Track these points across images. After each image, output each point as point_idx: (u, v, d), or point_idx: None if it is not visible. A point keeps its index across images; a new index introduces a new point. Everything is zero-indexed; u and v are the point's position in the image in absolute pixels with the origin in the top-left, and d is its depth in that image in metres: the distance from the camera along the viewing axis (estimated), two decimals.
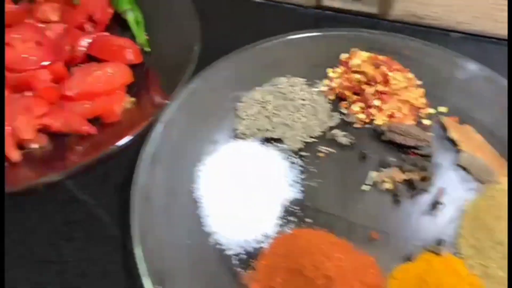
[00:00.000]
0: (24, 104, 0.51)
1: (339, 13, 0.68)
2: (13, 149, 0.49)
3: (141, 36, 0.62)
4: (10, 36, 0.56)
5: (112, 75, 0.55)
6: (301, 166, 0.49)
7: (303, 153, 0.50)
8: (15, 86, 0.53)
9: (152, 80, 0.58)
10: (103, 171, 0.50)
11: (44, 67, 0.55)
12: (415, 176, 0.47)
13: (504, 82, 0.53)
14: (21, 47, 0.56)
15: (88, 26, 0.63)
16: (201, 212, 0.45)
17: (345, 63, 0.58)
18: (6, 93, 0.53)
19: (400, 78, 0.54)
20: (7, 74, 0.53)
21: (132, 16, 0.63)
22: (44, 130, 0.51)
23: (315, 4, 0.69)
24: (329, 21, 0.68)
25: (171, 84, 0.54)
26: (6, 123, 0.49)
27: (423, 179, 0.47)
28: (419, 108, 0.54)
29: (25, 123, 0.50)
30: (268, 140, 0.51)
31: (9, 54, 0.54)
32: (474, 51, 0.61)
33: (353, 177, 0.48)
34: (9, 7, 0.59)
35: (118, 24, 0.64)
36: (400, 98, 0.53)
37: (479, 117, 0.52)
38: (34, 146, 0.51)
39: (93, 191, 0.49)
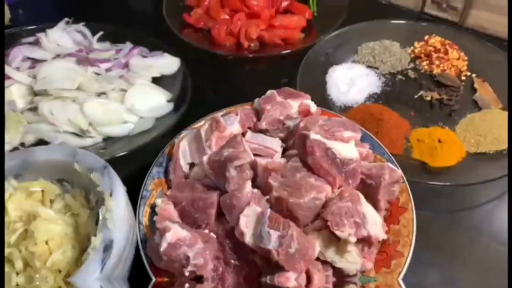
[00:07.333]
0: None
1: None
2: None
3: (314, 6, 1.12)
4: None
5: (297, 21, 1.06)
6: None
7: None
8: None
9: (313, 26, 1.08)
10: None
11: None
12: (444, 96, 0.89)
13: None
14: None
15: None
16: None
17: (426, 41, 1.01)
18: None
19: (455, 53, 0.96)
20: None
21: None
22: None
23: (419, 11, 1.13)
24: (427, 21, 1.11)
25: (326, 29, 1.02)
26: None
27: (449, 99, 0.89)
28: (461, 70, 0.95)
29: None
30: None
31: None
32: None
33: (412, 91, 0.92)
34: None
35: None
36: (452, 63, 0.95)
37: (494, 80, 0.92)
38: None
39: None
